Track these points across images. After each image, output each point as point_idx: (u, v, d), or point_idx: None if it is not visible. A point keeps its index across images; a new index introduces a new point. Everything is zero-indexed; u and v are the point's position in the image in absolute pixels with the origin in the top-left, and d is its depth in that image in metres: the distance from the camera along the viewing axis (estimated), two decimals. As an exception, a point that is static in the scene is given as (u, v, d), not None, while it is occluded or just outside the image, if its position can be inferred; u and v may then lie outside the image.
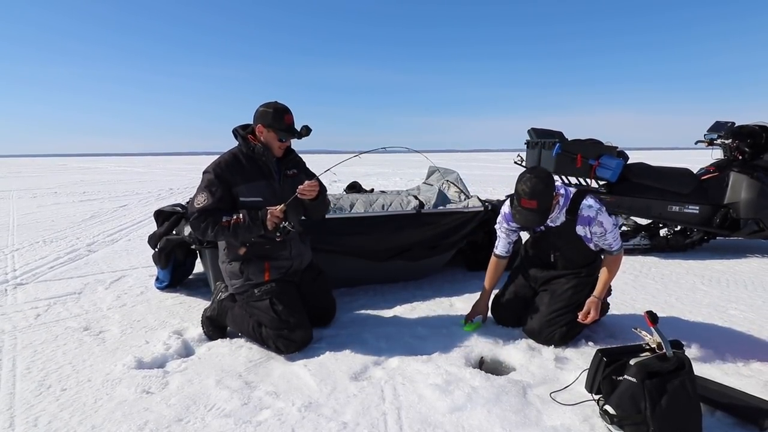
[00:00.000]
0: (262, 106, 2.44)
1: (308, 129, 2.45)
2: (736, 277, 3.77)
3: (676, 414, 1.62)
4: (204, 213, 2.32)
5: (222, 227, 2.30)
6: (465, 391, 1.96)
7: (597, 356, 1.87)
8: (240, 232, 2.31)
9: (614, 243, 2.37)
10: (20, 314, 2.95)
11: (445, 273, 3.76)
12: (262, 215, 2.31)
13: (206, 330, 2.60)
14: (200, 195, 2.36)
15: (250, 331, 2.43)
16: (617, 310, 2.94)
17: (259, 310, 2.40)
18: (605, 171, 4.28)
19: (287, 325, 2.35)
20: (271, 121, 2.40)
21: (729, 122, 4.60)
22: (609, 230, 2.34)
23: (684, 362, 1.71)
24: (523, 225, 2.35)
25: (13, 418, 1.85)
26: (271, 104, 2.44)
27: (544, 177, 2.23)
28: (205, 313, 2.63)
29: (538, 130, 4.75)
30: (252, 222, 2.30)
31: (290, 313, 2.38)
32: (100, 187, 12.96)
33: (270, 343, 2.36)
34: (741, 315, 2.92)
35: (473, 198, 3.78)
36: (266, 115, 2.40)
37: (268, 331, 2.35)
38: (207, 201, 2.33)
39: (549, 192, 2.22)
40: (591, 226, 2.33)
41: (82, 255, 4.59)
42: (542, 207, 2.22)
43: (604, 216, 2.32)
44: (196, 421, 1.81)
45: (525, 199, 2.21)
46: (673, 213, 4.41)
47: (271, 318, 2.36)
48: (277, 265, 2.50)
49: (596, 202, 2.34)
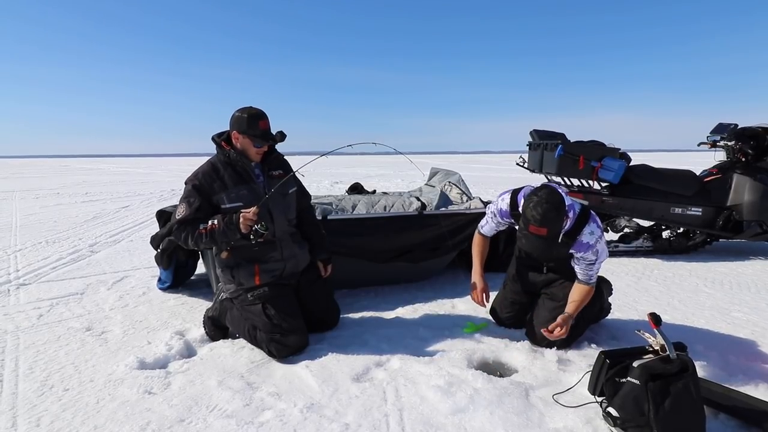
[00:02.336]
0: (237, 111, 2.42)
1: (283, 134, 2.44)
2: (740, 279, 3.76)
3: (679, 416, 1.62)
4: (183, 224, 2.37)
5: (200, 235, 2.34)
6: (467, 393, 1.96)
7: (600, 358, 1.86)
8: (217, 238, 2.34)
9: (594, 276, 2.29)
10: (23, 314, 2.96)
11: (446, 275, 3.75)
12: (236, 219, 2.30)
13: (208, 330, 2.60)
14: (180, 206, 2.41)
15: (245, 333, 2.43)
16: (619, 311, 2.94)
17: (252, 314, 2.40)
18: (607, 173, 4.27)
19: (279, 330, 2.33)
20: (245, 128, 2.37)
21: (732, 124, 4.60)
22: (598, 260, 2.24)
23: (688, 364, 1.71)
24: (529, 251, 2.18)
25: (15, 418, 1.85)
26: (246, 110, 2.41)
27: (557, 202, 2.02)
28: (207, 313, 2.64)
29: (540, 132, 4.75)
30: (227, 226, 2.30)
31: (283, 317, 2.36)
32: (102, 188, 12.98)
33: (264, 347, 2.36)
34: (744, 317, 2.91)
35: (475, 199, 3.78)
36: (240, 121, 2.38)
37: (262, 334, 2.35)
38: (185, 212, 2.37)
39: (560, 218, 2.04)
40: (586, 251, 2.21)
41: (85, 255, 4.60)
42: (552, 234, 2.03)
43: (601, 246, 2.21)
44: (198, 422, 1.81)
45: (534, 226, 2.01)
46: (676, 215, 4.40)
47: (264, 322, 2.35)
48: (268, 268, 2.48)
49: (598, 229, 2.21)
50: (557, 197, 2.04)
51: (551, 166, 4.41)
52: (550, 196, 2.03)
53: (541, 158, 4.60)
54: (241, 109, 2.42)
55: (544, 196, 2.03)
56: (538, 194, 2.05)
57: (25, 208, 8.39)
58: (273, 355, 2.33)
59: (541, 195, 2.04)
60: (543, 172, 4.64)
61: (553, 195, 2.04)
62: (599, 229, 2.22)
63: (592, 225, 2.20)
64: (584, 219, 2.20)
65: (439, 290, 3.42)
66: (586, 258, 2.23)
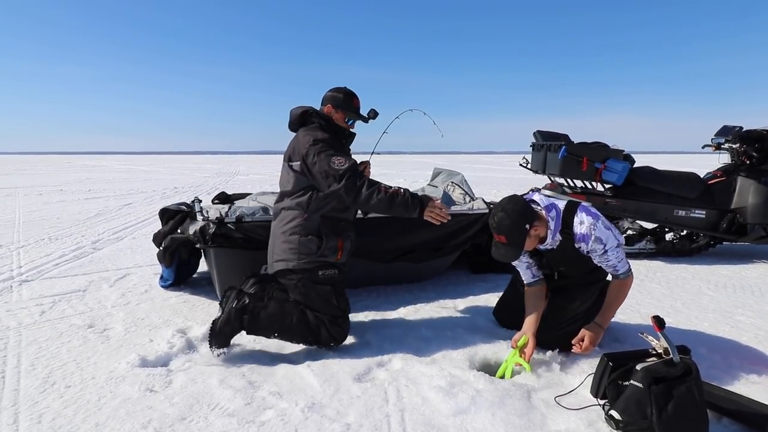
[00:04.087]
0: (330, 90, 2.55)
1: (375, 112, 2.56)
2: (743, 282, 3.75)
3: (682, 420, 1.61)
4: (356, 172, 2.29)
5: (379, 191, 2.28)
6: (469, 394, 1.95)
7: (603, 361, 1.85)
8: (395, 205, 2.29)
9: (619, 265, 2.14)
10: (25, 311, 2.97)
11: (449, 275, 3.75)
12: (425, 201, 2.32)
13: (217, 342, 2.27)
14: (336, 158, 2.29)
15: (293, 323, 2.30)
16: (622, 314, 2.92)
17: (317, 294, 2.36)
18: (611, 174, 4.25)
19: (342, 314, 2.38)
20: (341, 103, 2.50)
21: (737, 126, 4.57)
22: (610, 246, 2.09)
23: (691, 368, 1.70)
24: (498, 259, 2.15)
25: (17, 414, 1.85)
26: (341, 89, 2.54)
27: (512, 211, 2.05)
28: (222, 326, 2.28)
29: (543, 133, 4.73)
30: (412, 200, 2.30)
31: (346, 303, 2.43)
32: (105, 185, 13.02)
33: (322, 330, 2.31)
34: (748, 321, 2.89)
35: (478, 200, 3.77)
36: (336, 97, 2.51)
37: (322, 317, 2.32)
38: (346, 161, 2.30)
39: (517, 226, 2.04)
40: (587, 243, 2.11)
41: (87, 253, 4.61)
42: (512, 241, 2.05)
43: (599, 230, 2.08)
44: (200, 420, 1.81)
45: (495, 234, 2.09)
46: (680, 217, 4.38)
47: (330, 305, 2.35)
48: (347, 246, 2.48)
49: (588, 216, 2.11)
50: (515, 206, 2.07)
51: (554, 167, 4.40)
52: (508, 204, 2.09)
53: (545, 159, 4.58)
54: (335, 88, 2.55)
55: (503, 204, 2.10)
56: (500, 203, 2.13)
57: (28, 205, 8.41)
58: (333, 339, 2.35)
59: (500, 203, 2.12)
60: (546, 173, 4.62)
61: (512, 203, 2.09)
62: (590, 216, 2.12)
63: (581, 215, 2.13)
64: (570, 213, 2.15)
65: (441, 291, 3.42)
66: (594, 250, 2.13)
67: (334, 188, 2.30)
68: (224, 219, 2.92)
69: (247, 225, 2.94)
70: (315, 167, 2.32)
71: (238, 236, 2.91)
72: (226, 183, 13.87)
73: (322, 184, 2.34)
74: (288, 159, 2.47)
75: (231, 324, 2.29)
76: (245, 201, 3.60)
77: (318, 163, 2.31)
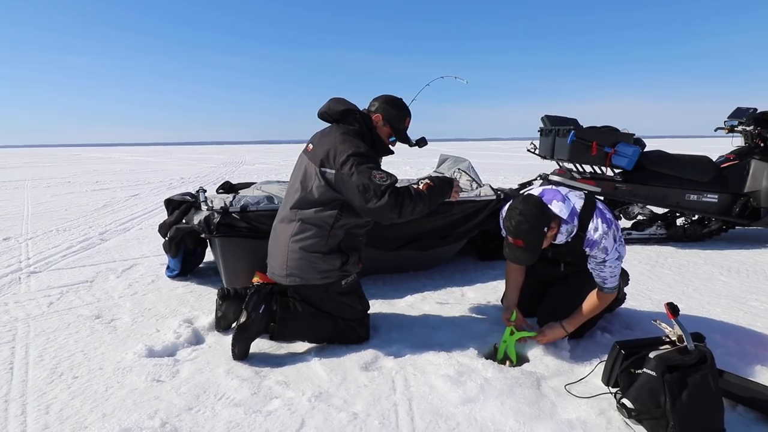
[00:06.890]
0: (385, 99, 2.43)
1: (425, 141, 2.51)
2: (756, 267, 3.68)
3: (697, 409, 1.57)
4: (397, 188, 2.17)
5: (419, 194, 2.20)
6: (477, 383, 1.93)
7: (615, 348, 1.81)
8: (433, 202, 2.27)
9: (609, 279, 2.11)
10: (33, 302, 2.98)
11: (456, 263, 3.71)
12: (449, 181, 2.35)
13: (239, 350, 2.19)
14: (377, 172, 2.16)
15: (323, 333, 2.34)
16: (633, 300, 2.88)
17: (346, 304, 2.36)
18: (621, 159, 4.18)
19: (365, 314, 2.42)
20: (392, 119, 2.39)
21: (751, 108, 4.46)
22: (610, 258, 2.05)
23: (706, 356, 1.66)
24: (512, 261, 2.09)
25: (25, 405, 1.85)
26: (398, 102, 2.44)
27: (531, 215, 1.94)
28: (245, 332, 2.19)
29: (552, 118, 4.65)
30: (443, 185, 2.31)
31: (367, 301, 2.47)
32: (112, 176, 13.06)
33: (352, 334, 2.35)
34: (762, 306, 2.84)
35: (485, 186, 3.71)
36: (389, 111, 2.39)
37: (350, 322, 2.35)
38: (387, 177, 2.17)
39: (536, 230, 1.95)
40: (593, 249, 2.07)
41: (95, 243, 4.62)
42: (529, 245, 1.97)
43: (608, 240, 2.03)
44: (206, 410, 1.81)
45: (511, 237, 1.99)
46: (691, 202, 4.30)
47: (356, 309, 2.38)
48: (359, 257, 2.47)
49: (603, 224, 2.04)
50: (533, 209, 1.96)
51: (563, 153, 4.32)
52: (525, 207, 1.96)
53: (553, 144, 4.50)
54: (394, 98, 2.44)
55: (519, 206, 1.97)
56: (516, 204, 2.00)
57: (36, 197, 8.46)
58: (361, 338, 2.38)
59: (517, 205, 1.99)
60: (555, 158, 4.55)
61: (529, 206, 1.97)
62: (605, 224, 2.04)
63: (596, 221, 2.06)
64: (587, 215, 2.08)
65: (448, 278, 3.39)
66: (595, 256, 2.09)
67: (372, 205, 2.13)
68: (229, 208, 2.89)
69: (252, 214, 2.91)
70: (352, 178, 2.15)
71: (243, 225, 2.89)
72: (232, 173, 13.87)
73: (358, 199, 2.16)
74: (321, 164, 2.23)
75: (257, 330, 2.24)
76: (250, 190, 3.57)
77: (356, 175, 2.14)
